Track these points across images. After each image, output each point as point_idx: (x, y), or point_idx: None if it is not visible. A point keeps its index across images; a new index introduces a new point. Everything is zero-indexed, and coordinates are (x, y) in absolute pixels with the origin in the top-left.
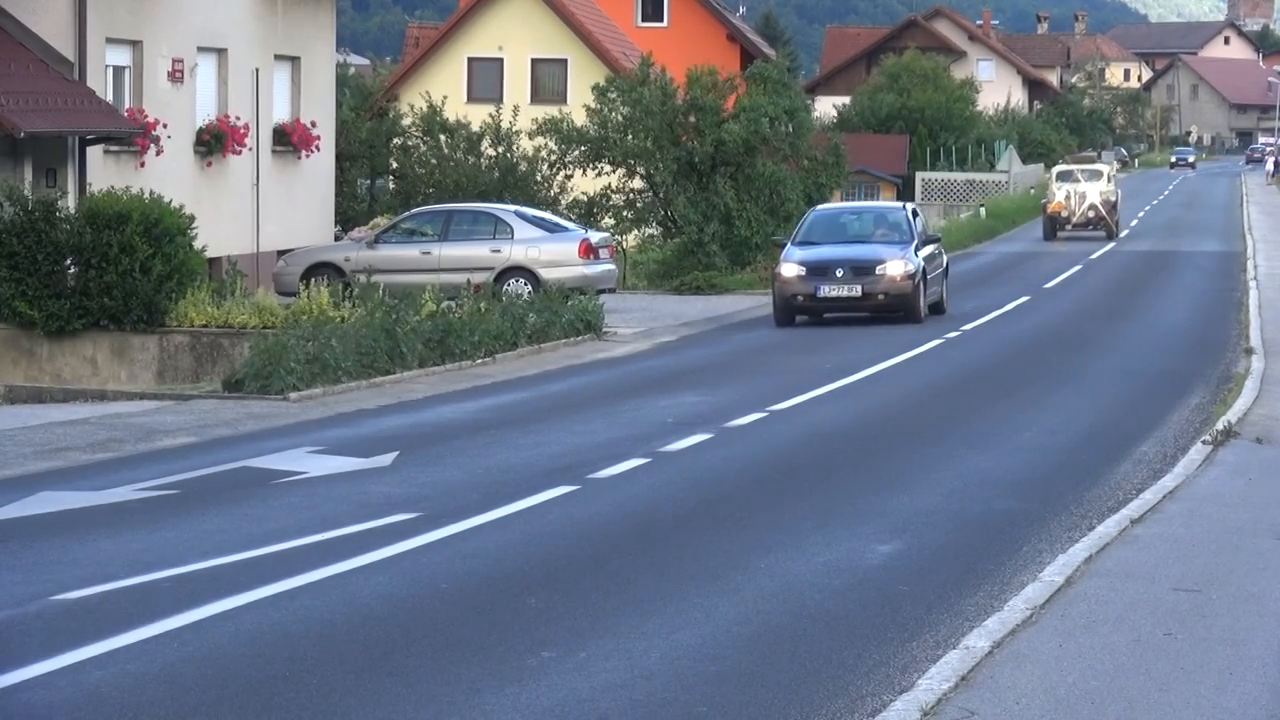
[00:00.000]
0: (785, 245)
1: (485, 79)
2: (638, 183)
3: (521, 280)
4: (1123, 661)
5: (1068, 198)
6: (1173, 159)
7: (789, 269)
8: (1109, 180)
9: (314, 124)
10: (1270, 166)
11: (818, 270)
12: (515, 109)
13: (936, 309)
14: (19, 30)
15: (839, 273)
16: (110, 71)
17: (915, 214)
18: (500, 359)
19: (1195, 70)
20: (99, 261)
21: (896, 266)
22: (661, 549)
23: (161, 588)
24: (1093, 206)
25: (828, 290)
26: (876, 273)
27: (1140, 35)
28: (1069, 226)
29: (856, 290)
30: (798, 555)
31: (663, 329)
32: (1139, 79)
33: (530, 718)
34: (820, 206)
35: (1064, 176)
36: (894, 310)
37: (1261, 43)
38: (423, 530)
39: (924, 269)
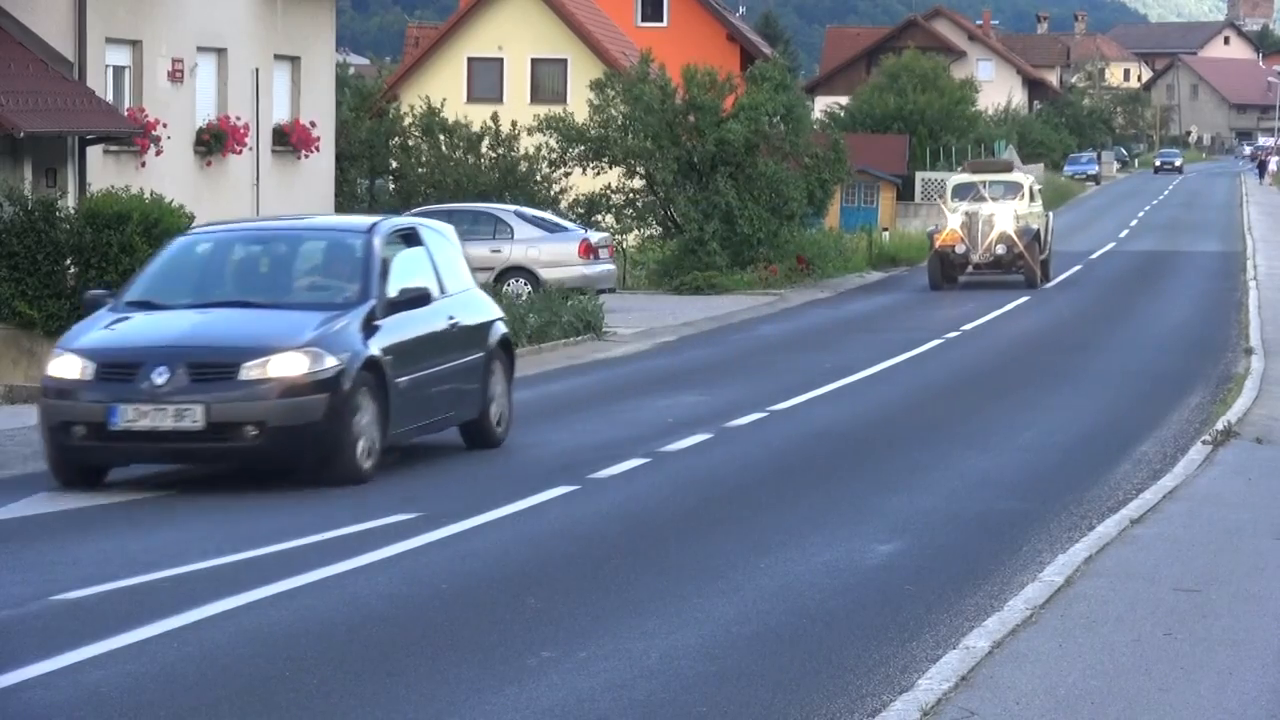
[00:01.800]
0: (99, 308)
1: (485, 79)
2: (638, 182)
3: (521, 280)
4: (1123, 661)
5: (966, 225)
6: (1156, 162)
7: (62, 366)
8: (1032, 198)
9: (314, 124)
10: (1274, 166)
11: (117, 370)
12: (514, 124)
13: (477, 436)
14: (19, 30)
15: (160, 377)
16: (110, 71)
17: (414, 239)
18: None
19: (1195, 70)
20: (99, 261)
21: (291, 363)
22: (661, 549)
23: (161, 588)
24: (1004, 238)
25: (131, 417)
26: (241, 377)
27: (1140, 35)
28: (970, 268)
29: (193, 418)
30: (797, 555)
31: (663, 329)
32: (1139, 79)
33: (530, 718)
34: (199, 227)
35: (962, 192)
36: (284, 459)
37: (1261, 43)
38: (422, 530)
39: (383, 367)
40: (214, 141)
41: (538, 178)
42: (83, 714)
